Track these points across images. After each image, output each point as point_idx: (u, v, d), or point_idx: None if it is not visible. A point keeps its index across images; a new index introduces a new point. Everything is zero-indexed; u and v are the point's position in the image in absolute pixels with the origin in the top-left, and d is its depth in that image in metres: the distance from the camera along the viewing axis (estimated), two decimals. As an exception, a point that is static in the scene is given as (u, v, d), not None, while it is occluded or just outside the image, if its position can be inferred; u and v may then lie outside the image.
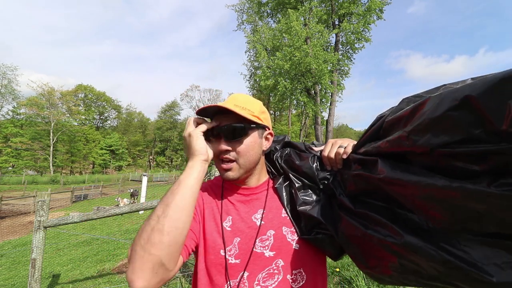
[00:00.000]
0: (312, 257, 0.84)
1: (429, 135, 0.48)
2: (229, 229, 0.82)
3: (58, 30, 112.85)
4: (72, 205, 17.12)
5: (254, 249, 0.80)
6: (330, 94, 17.25)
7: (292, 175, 0.88)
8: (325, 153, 0.84)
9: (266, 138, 0.90)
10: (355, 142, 0.79)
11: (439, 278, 0.54)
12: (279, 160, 0.93)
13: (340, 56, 17.19)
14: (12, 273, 6.37)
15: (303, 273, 0.81)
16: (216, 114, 0.85)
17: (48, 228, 2.73)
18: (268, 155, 0.97)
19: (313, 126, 20.28)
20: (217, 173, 0.98)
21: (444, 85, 0.56)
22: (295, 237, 0.83)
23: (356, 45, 17.43)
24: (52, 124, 41.57)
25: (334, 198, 0.81)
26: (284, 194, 0.89)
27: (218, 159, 0.83)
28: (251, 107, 0.85)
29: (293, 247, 0.82)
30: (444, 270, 0.51)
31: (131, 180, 35.76)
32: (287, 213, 0.87)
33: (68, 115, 46.64)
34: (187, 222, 0.70)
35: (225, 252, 0.79)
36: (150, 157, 64.20)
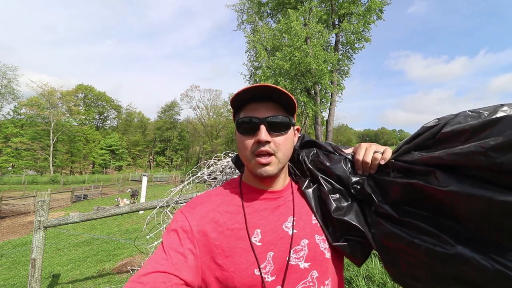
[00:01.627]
0: (339, 264, 0.81)
1: None
2: (259, 244, 0.73)
3: (59, 30, 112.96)
4: (72, 205, 17.13)
5: (289, 262, 0.72)
6: (330, 94, 17.25)
7: (322, 177, 0.83)
8: (360, 157, 0.80)
9: (295, 134, 0.85)
10: (390, 149, 0.79)
11: (484, 285, 0.55)
12: (306, 161, 0.87)
13: (340, 56, 17.18)
14: (12, 273, 6.36)
15: (332, 282, 0.78)
16: (249, 102, 0.77)
17: (48, 228, 2.73)
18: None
19: (313, 126, 20.28)
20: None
21: (502, 105, 0.58)
22: (327, 245, 0.78)
23: (356, 45, 17.44)
24: (52, 124, 41.57)
25: (368, 204, 0.78)
26: (313, 198, 0.83)
27: (252, 153, 0.75)
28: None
29: (326, 257, 0.77)
30: (493, 279, 0.53)
31: (131, 180, 35.76)
32: (317, 219, 0.81)
33: (68, 115, 46.64)
34: None
35: (260, 271, 0.70)
36: (150, 157, 64.18)
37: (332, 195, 0.80)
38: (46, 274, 5.57)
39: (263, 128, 0.73)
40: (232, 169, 2.11)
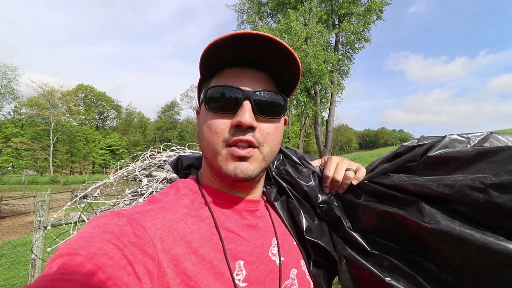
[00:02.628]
0: None
1: None
2: (243, 284, 0.49)
3: (60, 30, 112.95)
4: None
5: None
6: (330, 94, 17.25)
7: (289, 189, 0.70)
8: (330, 174, 0.68)
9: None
10: (364, 168, 0.69)
11: None
12: (271, 167, 0.73)
13: (340, 56, 17.18)
14: (12, 273, 6.36)
15: None
16: (228, 66, 0.53)
17: (48, 228, 2.74)
18: None
19: (313, 126, 20.25)
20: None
21: (491, 133, 0.54)
22: (309, 273, 0.65)
23: (356, 45, 17.46)
24: (52, 124, 41.56)
25: (335, 227, 0.68)
26: (284, 213, 0.69)
27: (224, 142, 0.51)
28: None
29: (311, 287, 0.63)
30: None
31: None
32: (294, 239, 0.66)
33: (68, 115, 46.66)
34: None
35: None
36: (150, 157, 64.14)
37: (302, 212, 0.68)
38: (46, 274, 5.56)
39: (247, 105, 0.50)
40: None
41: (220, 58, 0.52)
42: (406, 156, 0.61)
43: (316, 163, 0.77)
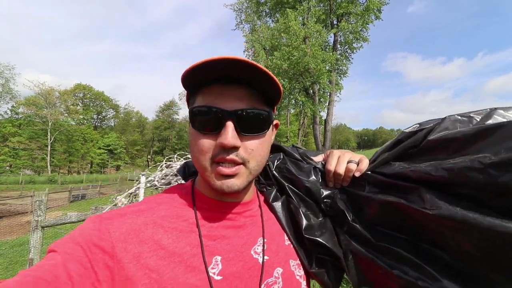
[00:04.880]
0: None
1: None
2: (218, 277, 0.52)
3: (60, 29, 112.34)
4: (70, 204, 17.06)
5: None
6: (329, 93, 17.28)
7: (289, 187, 0.70)
8: (332, 167, 0.67)
9: (273, 131, 0.66)
10: (367, 159, 0.68)
11: None
12: (271, 166, 0.73)
13: (339, 56, 17.23)
14: (10, 273, 6.34)
15: None
16: (211, 83, 0.53)
17: (45, 228, 2.73)
18: None
19: (311, 126, 20.28)
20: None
21: (495, 108, 0.51)
22: (302, 272, 0.65)
23: (354, 45, 17.53)
24: (50, 124, 41.35)
25: (340, 222, 0.67)
26: (283, 213, 0.68)
27: (211, 160, 0.53)
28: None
29: (302, 286, 0.63)
30: None
31: (129, 179, 35.63)
32: (290, 239, 0.66)
33: (66, 114, 46.46)
34: None
35: None
36: (148, 156, 63.97)
37: (303, 210, 0.68)
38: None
39: (230, 126, 0.51)
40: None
41: (205, 76, 0.52)
42: (407, 142, 0.59)
43: (319, 158, 0.76)
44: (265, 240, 0.62)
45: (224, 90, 0.53)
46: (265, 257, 0.59)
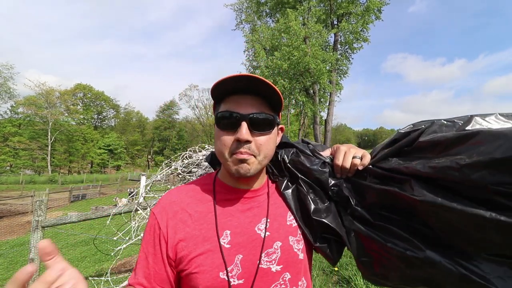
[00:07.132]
0: (309, 263, 0.82)
1: (486, 172, 0.51)
2: (228, 246, 0.71)
3: (60, 29, 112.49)
4: (70, 204, 17.06)
5: (260, 265, 0.71)
6: (329, 93, 17.29)
7: (301, 178, 0.83)
8: (339, 162, 0.80)
9: (278, 133, 0.83)
10: (369, 154, 0.80)
11: (448, 286, 0.60)
12: (286, 160, 0.86)
13: (339, 56, 17.23)
14: (10, 273, 6.34)
15: (304, 281, 0.78)
16: (232, 94, 0.72)
17: (46, 228, 2.73)
18: None
19: (311, 126, 20.30)
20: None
21: (472, 115, 0.62)
22: (300, 246, 0.78)
23: (355, 45, 17.51)
24: (50, 124, 41.41)
25: (345, 206, 0.80)
26: (292, 199, 0.83)
27: (230, 152, 0.70)
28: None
29: (299, 258, 0.77)
30: (457, 282, 0.58)
31: (129, 179, 35.64)
32: (296, 220, 0.80)
33: (67, 114, 46.50)
34: None
35: (226, 274, 0.68)
36: (149, 156, 64.06)
37: (312, 197, 0.81)
38: (44, 274, 5.55)
39: (244, 125, 0.68)
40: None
41: (227, 89, 0.71)
42: (402, 142, 0.72)
43: (326, 153, 0.88)
44: (269, 220, 0.77)
45: (240, 99, 0.71)
46: (267, 233, 0.75)
